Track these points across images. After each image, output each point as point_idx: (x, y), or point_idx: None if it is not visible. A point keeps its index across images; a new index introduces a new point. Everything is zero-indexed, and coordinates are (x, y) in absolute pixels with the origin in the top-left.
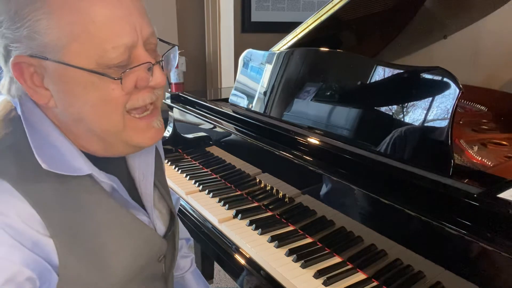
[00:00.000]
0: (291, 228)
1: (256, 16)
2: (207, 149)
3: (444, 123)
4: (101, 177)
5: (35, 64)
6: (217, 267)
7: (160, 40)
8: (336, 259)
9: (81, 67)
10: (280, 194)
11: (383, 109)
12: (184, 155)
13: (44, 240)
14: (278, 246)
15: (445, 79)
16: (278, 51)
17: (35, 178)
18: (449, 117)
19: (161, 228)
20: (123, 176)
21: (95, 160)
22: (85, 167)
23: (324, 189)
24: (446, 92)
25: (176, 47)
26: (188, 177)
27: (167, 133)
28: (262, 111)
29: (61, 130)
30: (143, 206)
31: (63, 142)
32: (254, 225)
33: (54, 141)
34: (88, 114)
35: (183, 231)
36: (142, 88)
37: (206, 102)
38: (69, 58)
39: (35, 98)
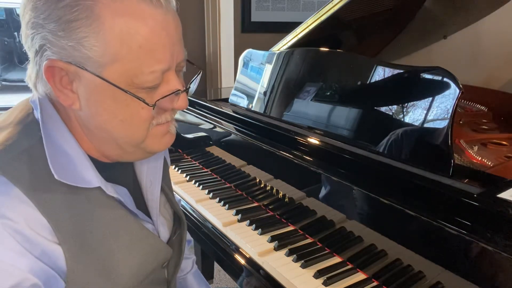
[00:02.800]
0: (291, 228)
1: (256, 16)
2: (207, 149)
3: (444, 123)
4: (109, 191)
5: (70, 70)
6: (217, 267)
7: (190, 62)
8: (336, 259)
9: (118, 85)
10: (280, 194)
11: (383, 109)
12: (184, 155)
13: (52, 247)
14: (278, 246)
15: (445, 79)
16: (278, 51)
17: (46, 186)
18: (449, 117)
19: (165, 234)
20: (130, 183)
21: (104, 167)
22: (95, 180)
23: (324, 189)
24: (446, 92)
25: (201, 73)
26: (188, 177)
27: None
28: (262, 111)
29: (78, 133)
30: (148, 213)
31: (77, 152)
32: (254, 225)
33: (68, 149)
34: (113, 126)
35: None
36: (166, 109)
37: (206, 102)
38: (108, 74)
39: (60, 99)
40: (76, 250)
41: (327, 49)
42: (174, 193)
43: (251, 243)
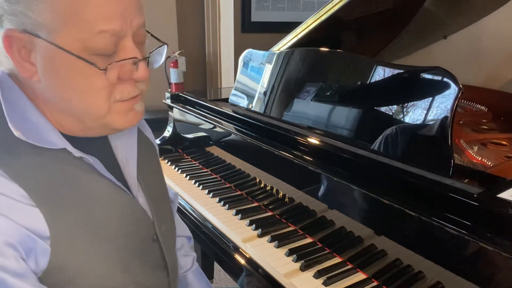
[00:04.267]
0: (291, 228)
1: (256, 16)
2: (207, 149)
3: (444, 123)
4: (75, 152)
5: (25, 40)
6: (217, 267)
7: (151, 35)
8: (336, 259)
9: (70, 51)
10: (280, 194)
11: (383, 109)
12: (184, 155)
13: (30, 210)
14: (278, 246)
15: (445, 79)
16: (278, 51)
17: (11, 150)
18: (449, 117)
19: (147, 210)
20: (107, 158)
21: (73, 139)
22: (59, 142)
23: (324, 189)
24: (446, 92)
25: (165, 46)
26: (188, 177)
27: (167, 133)
28: (262, 111)
29: (41, 106)
30: (129, 190)
31: (40, 118)
32: (254, 225)
33: (31, 117)
34: (71, 97)
35: (184, 229)
36: (125, 80)
37: (206, 102)
38: (60, 40)
39: (20, 71)
40: (55, 208)
41: (327, 49)
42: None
43: (251, 242)
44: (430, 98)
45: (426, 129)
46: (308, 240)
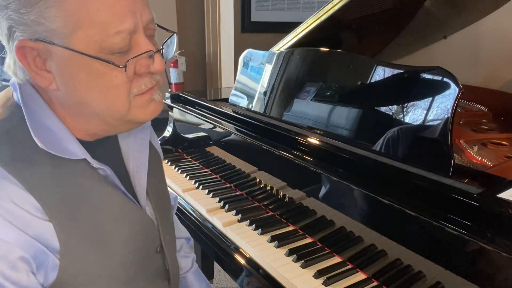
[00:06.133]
0: (291, 228)
1: (256, 16)
2: (207, 149)
3: (444, 123)
4: (94, 163)
5: (39, 48)
6: (217, 267)
7: (159, 26)
8: (336, 259)
9: (86, 53)
10: (280, 194)
11: (383, 109)
12: (184, 155)
13: (43, 224)
14: (278, 246)
15: (445, 79)
16: (278, 51)
17: (29, 160)
18: (449, 117)
19: (154, 220)
20: (117, 167)
21: (89, 146)
22: (80, 152)
23: (324, 189)
24: (446, 92)
25: (175, 35)
26: (188, 177)
27: (167, 133)
28: (262, 111)
29: (61, 113)
30: (137, 199)
31: (60, 127)
32: (254, 225)
33: (51, 126)
34: (93, 99)
35: (182, 230)
36: (142, 74)
37: (206, 102)
38: (75, 44)
39: (37, 81)
40: (67, 223)
41: (327, 49)
42: (169, 189)
43: (251, 243)
44: (430, 98)
45: (426, 129)
46: (308, 240)
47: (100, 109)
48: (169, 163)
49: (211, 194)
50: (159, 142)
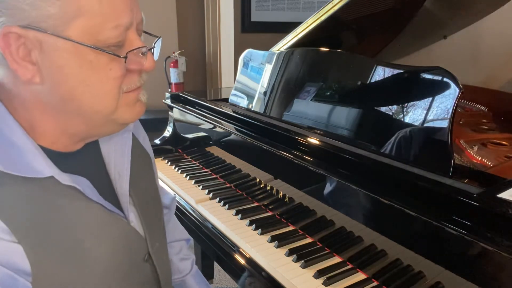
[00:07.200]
0: (291, 228)
1: (256, 16)
2: (207, 149)
3: (444, 123)
4: (63, 180)
5: (28, 36)
6: (217, 267)
7: (145, 32)
8: (336, 259)
9: (83, 43)
10: (280, 194)
11: (383, 109)
12: (184, 155)
13: (10, 247)
14: (278, 246)
15: (445, 79)
16: (278, 51)
17: None
18: (449, 117)
19: (138, 227)
20: (99, 175)
21: (60, 157)
22: (46, 170)
23: (324, 189)
24: (446, 92)
25: (161, 39)
26: (188, 177)
27: (167, 133)
28: (262, 111)
29: (27, 120)
30: (119, 207)
31: (25, 141)
32: (254, 225)
33: (15, 139)
34: (80, 93)
35: (182, 232)
36: (133, 71)
37: (206, 102)
38: (70, 33)
39: (19, 73)
40: (38, 243)
41: (327, 49)
42: (168, 188)
43: (250, 243)
44: (430, 98)
45: (426, 129)
46: (308, 240)
47: (87, 104)
48: (169, 163)
49: (211, 194)
50: (159, 142)
